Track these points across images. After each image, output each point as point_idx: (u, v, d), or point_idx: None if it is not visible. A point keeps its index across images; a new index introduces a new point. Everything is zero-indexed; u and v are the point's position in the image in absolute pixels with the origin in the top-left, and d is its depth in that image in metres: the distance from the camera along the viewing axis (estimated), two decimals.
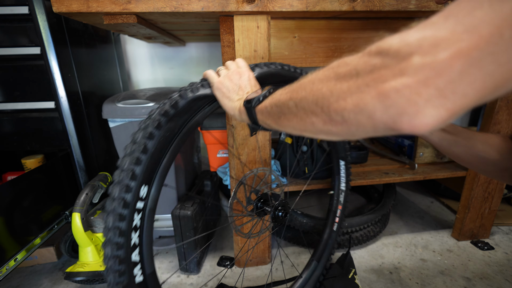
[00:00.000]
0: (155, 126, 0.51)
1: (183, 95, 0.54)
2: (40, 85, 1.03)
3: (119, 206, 0.47)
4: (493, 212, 1.21)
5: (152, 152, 0.50)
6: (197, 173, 1.43)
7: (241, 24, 0.82)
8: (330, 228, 1.00)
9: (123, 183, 0.48)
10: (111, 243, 0.47)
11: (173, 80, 1.67)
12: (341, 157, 0.95)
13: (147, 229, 0.52)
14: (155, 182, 0.52)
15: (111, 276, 0.48)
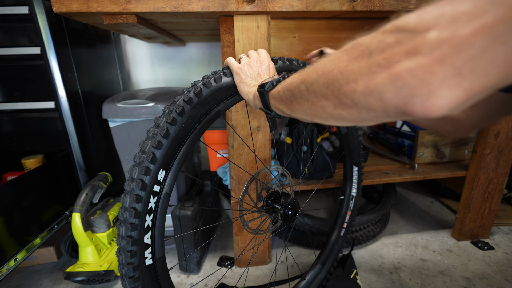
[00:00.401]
0: (178, 112, 0.52)
1: (207, 84, 0.55)
2: (40, 85, 1.03)
3: (137, 187, 0.48)
4: (493, 212, 1.21)
5: (173, 137, 0.51)
6: (197, 173, 1.43)
7: (241, 24, 0.82)
8: (337, 233, 0.99)
9: (143, 165, 0.49)
10: (126, 223, 0.48)
11: (173, 80, 1.67)
12: (355, 162, 0.93)
13: (160, 213, 0.52)
14: (173, 168, 0.53)
15: (123, 256, 0.49)
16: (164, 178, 0.52)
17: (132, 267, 0.49)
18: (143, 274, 0.51)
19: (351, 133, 0.88)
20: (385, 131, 1.68)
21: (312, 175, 1.17)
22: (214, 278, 1.05)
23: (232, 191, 1.02)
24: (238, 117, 0.91)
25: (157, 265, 0.53)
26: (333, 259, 0.98)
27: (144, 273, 0.51)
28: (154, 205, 0.51)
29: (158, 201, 0.52)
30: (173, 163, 0.53)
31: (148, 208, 0.50)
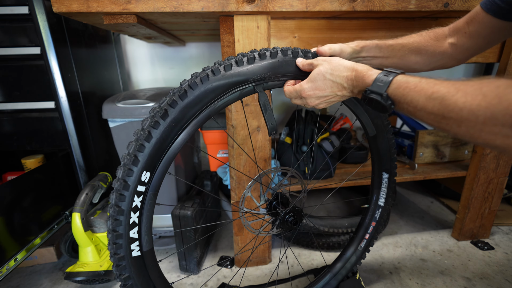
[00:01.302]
0: (161, 115, 0.52)
1: (192, 85, 0.53)
2: (40, 85, 1.03)
3: (121, 187, 0.51)
4: (493, 212, 1.21)
5: (156, 140, 0.52)
6: (197, 173, 1.43)
7: (241, 24, 0.82)
8: (357, 244, 0.90)
9: (126, 167, 0.51)
10: (112, 218, 0.52)
11: (173, 80, 1.67)
12: (385, 169, 0.82)
13: (147, 211, 0.55)
14: (158, 170, 0.54)
15: (110, 247, 0.54)
16: (149, 179, 0.53)
17: (118, 257, 0.54)
18: (129, 264, 0.55)
19: (381, 135, 0.77)
20: None
21: (312, 175, 1.17)
22: (214, 278, 1.05)
23: (232, 191, 1.02)
24: (238, 117, 0.91)
25: (145, 257, 0.58)
26: (348, 270, 0.92)
27: (131, 263, 0.56)
28: (140, 204, 0.53)
29: (144, 200, 0.54)
30: (159, 165, 0.54)
31: (132, 206, 0.53)
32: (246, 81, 0.55)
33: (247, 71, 0.55)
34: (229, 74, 0.54)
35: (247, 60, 0.55)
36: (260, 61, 0.56)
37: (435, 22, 0.94)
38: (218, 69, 0.54)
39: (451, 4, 0.82)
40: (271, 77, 0.57)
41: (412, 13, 0.85)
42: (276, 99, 1.78)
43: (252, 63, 0.55)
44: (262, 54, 0.56)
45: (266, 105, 0.59)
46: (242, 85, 0.56)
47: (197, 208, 1.05)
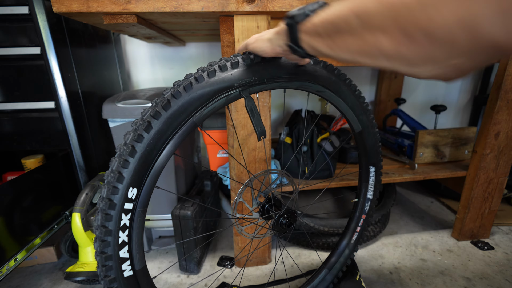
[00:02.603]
0: (144, 128, 0.49)
1: (175, 94, 0.51)
2: (40, 85, 1.03)
3: (106, 207, 0.48)
4: (493, 212, 1.21)
5: (141, 155, 0.49)
6: (197, 173, 1.43)
7: (241, 24, 0.82)
8: (349, 238, 0.93)
9: (111, 185, 0.48)
10: (99, 240, 0.50)
11: (173, 80, 1.67)
12: (372, 163, 0.85)
13: (136, 228, 0.52)
14: (146, 185, 0.52)
15: (100, 269, 0.51)
16: (136, 195, 0.51)
17: (109, 280, 0.51)
18: (122, 285, 0.53)
19: (366, 131, 0.79)
20: (385, 131, 1.68)
21: (312, 175, 1.17)
22: (214, 278, 1.05)
23: (232, 191, 1.02)
24: (238, 117, 0.91)
25: (138, 276, 0.55)
26: (342, 264, 0.93)
27: (123, 284, 0.53)
28: (129, 222, 0.51)
29: (133, 218, 0.51)
30: (146, 180, 0.51)
31: (121, 225, 0.50)
32: (231, 87, 0.54)
33: (232, 77, 0.53)
34: (213, 81, 0.52)
35: (231, 65, 0.54)
36: (244, 66, 0.55)
37: None
38: (202, 76, 0.52)
39: None
40: (257, 81, 0.56)
41: None
42: (276, 100, 1.78)
43: (236, 68, 0.54)
44: (246, 58, 0.55)
45: (253, 110, 0.57)
46: (227, 91, 0.54)
47: (197, 208, 1.05)
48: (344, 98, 0.71)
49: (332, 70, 0.67)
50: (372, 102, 1.92)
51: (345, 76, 0.70)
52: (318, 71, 0.64)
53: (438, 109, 1.42)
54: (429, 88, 1.92)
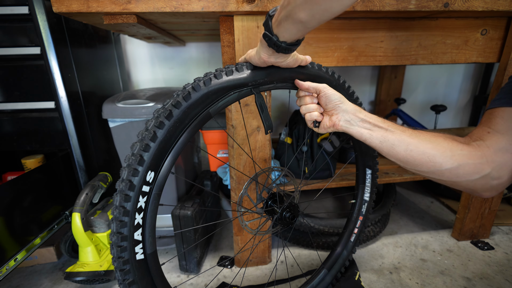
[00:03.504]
0: (166, 115, 0.53)
1: (195, 87, 0.56)
2: (40, 85, 1.03)
3: (126, 188, 0.51)
4: (493, 212, 1.21)
5: (161, 140, 0.53)
6: (197, 173, 1.43)
7: (241, 24, 0.82)
8: (347, 238, 0.95)
9: (131, 167, 0.51)
10: (116, 220, 0.51)
11: (173, 80, 1.67)
12: (368, 165, 0.88)
13: (151, 212, 0.55)
14: (162, 169, 0.55)
15: (114, 250, 0.53)
16: (153, 179, 0.53)
17: (123, 261, 0.53)
18: (134, 267, 0.54)
19: None
20: None
21: (312, 175, 1.17)
22: (214, 278, 1.05)
23: (232, 191, 1.02)
24: (238, 117, 0.91)
25: (148, 260, 0.57)
26: (341, 264, 0.95)
27: (135, 267, 0.54)
28: (144, 204, 0.53)
29: (148, 201, 0.54)
30: (163, 164, 0.55)
31: (137, 207, 0.52)
32: (245, 84, 0.60)
33: (247, 76, 0.60)
34: (230, 79, 0.59)
35: (246, 67, 0.61)
36: (257, 68, 0.61)
37: (435, 22, 0.94)
38: (221, 74, 0.58)
39: (451, 4, 0.82)
40: (267, 81, 0.62)
41: (412, 13, 0.85)
42: (276, 100, 1.78)
43: (250, 69, 0.61)
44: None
45: (263, 106, 0.63)
46: (241, 88, 0.61)
47: (197, 208, 1.05)
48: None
49: (332, 74, 0.72)
50: (372, 102, 1.92)
51: (345, 82, 0.75)
52: (321, 75, 0.69)
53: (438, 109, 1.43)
54: (429, 88, 1.92)
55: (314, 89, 0.62)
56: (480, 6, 0.83)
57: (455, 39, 0.97)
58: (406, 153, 0.56)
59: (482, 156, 0.52)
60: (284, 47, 0.50)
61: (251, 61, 0.59)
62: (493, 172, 0.52)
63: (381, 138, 0.58)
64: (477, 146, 0.54)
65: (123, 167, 0.53)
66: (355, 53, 0.94)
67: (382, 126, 0.58)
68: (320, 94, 0.62)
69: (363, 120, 0.60)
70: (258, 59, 0.56)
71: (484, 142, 0.54)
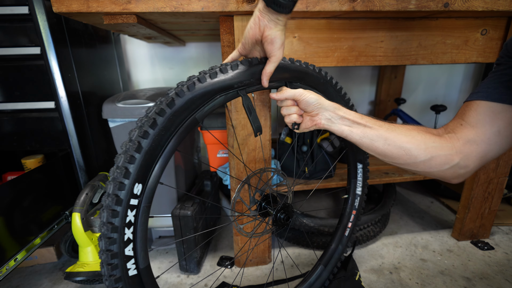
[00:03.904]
0: (150, 124, 0.51)
1: (179, 93, 0.54)
2: (40, 85, 1.03)
3: (113, 202, 0.49)
4: (493, 212, 1.21)
5: (146, 150, 0.51)
6: (197, 173, 1.43)
7: (241, 24, 0.82)
8: (341, 233, 0.95)
9: (117, 180, 0.49)
10: (105, 237, 0.49)
11: (173, 80, 1.67)
12: (359, 159, 0.89)
13: (141, 225, 0.53)
14: (150, 181, 0.53)
15: (105, 268, 0.50)
16: (141, 191, 0.51)
17: (114, 279, 0.51)
18: (126, 284, 0.52)
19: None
20: None
21: (312, 175, 1.17)
22: (214, 278, 1.05)
23: (232, 191, 1.02)
24: (238, 117, 0.91)
25: (142, 275, 0.54)
26: (337, 259, 0.96)
27: (128, 284, 0.52)
28: (134, 218, 0.51)
29: (138, 214, 0.52)
30: (150, 175, 0.52)
31: (126, 222, 0.50)
32: (231, 87, 0.58)
33: (232, 78, 0.58)
34: (214, 82, 0.56)
35: (231, 67, 0.58)
36: (243, 68, 0.59)
37: (435, 22, 0.94)
38: (204, 77, 0.56)
39: (451, 4, 0.82)
40: (253, 82, 0.61)
41: (412, 13, 0.85)
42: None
43: (236, 70, 0.59)
44: (244, 61, 0.60)
45: (250, 108, 0.62)
46: (227, 91, 0.59)
47: (197, 208, 1.05)
48: (331, 98, 0.75)
49: (322, 73, 0.72)
50: (372, 102, 1.92)
51: (332, 78, 0.76)
52: (309, 73, 0.69)
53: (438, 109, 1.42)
54: (429, 88, 1.92)
55: (292, 97, 0.64)
56: (480, 6, 0.83)
57: (455, 39, 0.97)
58: (384, 147, 0.60)
59: (452, 147, 0.56)
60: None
61: (244, 35, 0.57)
62: (460, 162, 0.56)
63: (361, 134, 0.61)
64: (448, 138, 0.58)
65: (108, 181, 0.50)
66: (355, 53, 0.94)
67: (360, 122, 0.61)
68: (299, 100, 0.63)
69: (342, 117, 0.62)
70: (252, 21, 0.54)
71: (455, 135, 0.57)
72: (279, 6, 0.50)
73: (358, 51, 0.94)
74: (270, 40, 0.55)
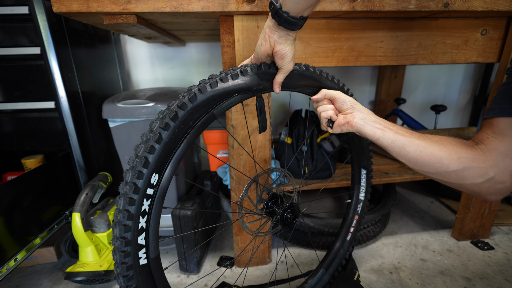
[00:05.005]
0: (171, 117, 0.52)
1: (202, 89, 0.55)
2: (40, 85, 1.03)
3: (131, 191, 0.50)
4: (493, 212, 1.21)
5: (166, 142, 0.52)
6: (197, 173, 1.43)
7: (241, 24, 0.82)
8: (343, 237, 0.96)
9: (136, 169, 0.50)
10: (120, 224, 0.50)
11: (173, 80, 1.67)
12: (364, 165, 0.90)
13: (154, 215, 0.54)
14: (167, 171, 0.54)
15: (118, 255, 0.51)
16: (157, 181, 0.53)
17: (126, 266, 0.51)
18: (137, 273, 0.53)
19: (357, 135, 0.83)
20: None
21: (312, 175, 1.17)
22: (214, 278, 1.05)
23: (232, 191, 1.02)
24: (238, 117, 0.91)
25: (151, 265, 0.55)
26: (338, 263, 0.96)
27: (138, 273, 0.53)
28: (148, 208, 0.52)
29: (152, 204, 0.53)
30: (167, 167, 0.54)
31: (141, 211, 0.51)
32: (250, 89, 0.60)
33: (252, 80, 0.60)
34: (236, 83, 0.59)
35: (251, 69, 0.60)
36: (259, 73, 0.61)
37: (435, 22, 0.94)
38: (226, 77, 0.58)
39: (451, 4, 0.82)
40: (270, 86, 0.63)
41: (412, 13, 0.85)
42: (276, 100, 1.78)
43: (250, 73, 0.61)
44: (264, 65, 0.61)
45: (262, 108, 0.64)
46: (246, 92, 0.61)
47: (197, 208, 1.05)
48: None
49: (331, 78, 0.72)
50: (372, 102, 1.92)
51: (332, 76, 0.74)
52: (317, 78, 0.69)
53: (438, 109, 1.43)
54: (429, 88, 1.92)
55: (330, 96, 0.67)
56: (480, 6, 0.83)
57: (455, 39, 0.97)
58: (415, 154, 0.59)
59: (486, 160, 0.54)
60: (286, 18, 0.50)
61: (256, 50, 0.59)
62: (496, 177, 0.54)
63: (393, 138, 0.61)
64: (480, 150, 0.56)
65: (127, 169, 0.51)
66: (355, 53, 0.94)
67: (392, 128, 0.62)
68: (335, 98, 0.66)
69: (375, 121, 0.63)
70: (262, 37, 0.56)
71: (485, 146, 0.56)
72: (290, 25, 0.51)
73: (358, 51, 0.94)
74: (280, 55, 0.57)
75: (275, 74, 0.61)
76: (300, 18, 0.51)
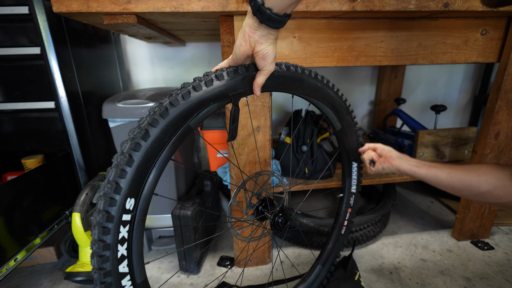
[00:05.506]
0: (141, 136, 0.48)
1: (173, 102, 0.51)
2: (40, 85, 1.03)
3: (103, 219, 0.46)
4: (493, 212, 1.21)
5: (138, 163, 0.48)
6: (197, 173, 1.43)
7: (241, 24, 0.82)
8: (337, 232, 0.96)
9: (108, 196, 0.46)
10: (96, 255, 0.47)
11: (173, 80, 1.67)
12: (354, 158, 0.90)
13: (136, 239, 0.50)
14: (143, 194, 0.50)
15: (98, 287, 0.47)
16: (134, 205, 0.49)
17: None
18: None
19: (348, 129, 0.84)
20: (385, 131, 1.68)
21: (312, 175, 1.17)
22: (214, 278, 1.05)
23: (232, 191, 1.02)
24: (239, 117, 0.91)
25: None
26: (334, 258, 0.97)
27: None
28: (127, 234, 0.49)
29: (132, 229, 0.49)
30: (143, 188, 0.50)
31: (119, 239, 0.47)
32: (226, 95, 0.56)
33: (228, 85, 0.56)
34: (210, 89, 0.54)
35: (227, 73, 0.56)
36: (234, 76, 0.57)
37: (435, 22, 0.94)
38: (200, 85, 0.54)
39: (451, 4, 0.82)
40: (247, 90, 0.59)
41: (412, 13, 0.85)
42: (276, 101, 1.78)
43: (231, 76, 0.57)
44: (241, 67, 0.57)
45: (236, 118, 0.61)
46: (222, 99, 0.57)
47: (197, 208, 1.05)
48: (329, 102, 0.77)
49: (320, 78, 0.71)
50: (372, 102, 1.92)
51: (328, 80, 0.74)
52: (304, 80, 0.68)
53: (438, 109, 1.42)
54: (429, 88, 1.92)
55: (372, 147, 0.84)
56: (480, 6, 0.83)
57: (455, 39, 0.97)
58: (447, 180, 0.67)
59: None
60: (268, 15, 0.46)
61: (234, 51, 0.55)
62: None
63: (427, 170, 0.72)
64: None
65: (99, 195, 0.47)
66: (355, 53, 0.94)
67: (426, 163, 0.73)
68: (376, 148, 0.83)
69: (410, 159, 0.76)
70: (241, 37, 0.51)
71: None
72: (273, 22, 0.47)
73: (358, 51, 0.94)
74: (262, 56, 0.53)
75: (255, 76, 0.58)
76: (284, 16, 0.47)
